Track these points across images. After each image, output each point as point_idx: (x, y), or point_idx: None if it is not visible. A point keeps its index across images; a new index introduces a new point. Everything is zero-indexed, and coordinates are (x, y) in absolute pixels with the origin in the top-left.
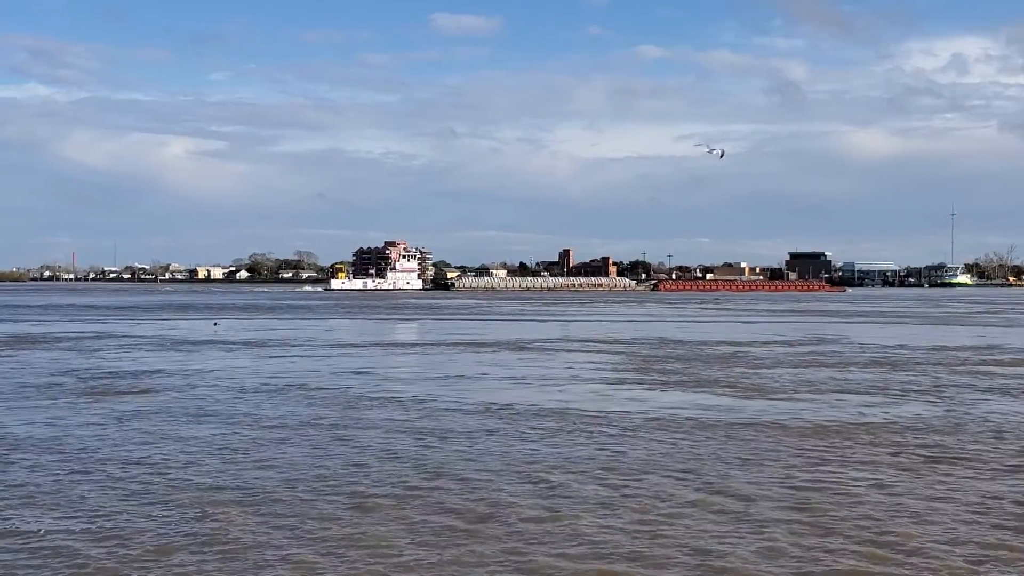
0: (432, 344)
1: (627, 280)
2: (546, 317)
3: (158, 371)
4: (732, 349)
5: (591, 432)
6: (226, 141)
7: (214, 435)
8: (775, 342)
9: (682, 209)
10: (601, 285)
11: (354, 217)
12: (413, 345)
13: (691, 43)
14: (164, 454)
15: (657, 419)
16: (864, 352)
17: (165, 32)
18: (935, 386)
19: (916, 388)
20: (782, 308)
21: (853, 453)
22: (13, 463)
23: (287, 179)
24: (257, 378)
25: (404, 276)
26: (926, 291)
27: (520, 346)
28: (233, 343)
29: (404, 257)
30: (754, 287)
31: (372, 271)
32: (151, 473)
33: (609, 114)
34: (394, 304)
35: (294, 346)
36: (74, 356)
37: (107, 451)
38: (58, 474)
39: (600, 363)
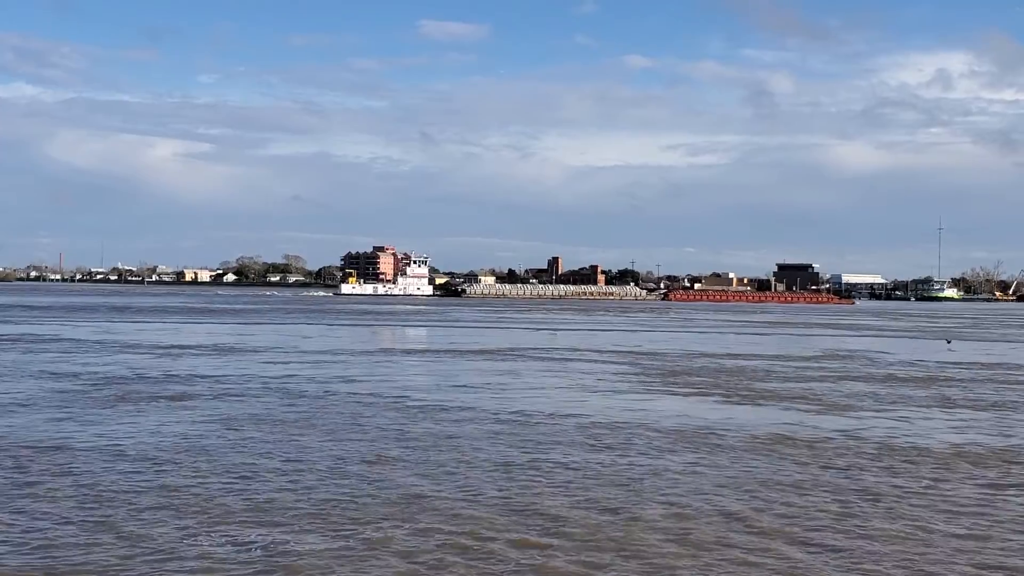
0: (513, 352)
1: (638, 289)
2: (592, 326)
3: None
4: (771, 364)
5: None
6: (213, 143)
7: (330, 444)
8: (808, 356)
9: (668, 218)
10: (612, 294)
11: (341, 221)
12: (499, 353)
13: (677, 54)
14: (315, 461)
15: (754, 436)
16: (900, 367)
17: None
18: (995, 403)
19: (990, 405)
20: (798, 321)
21: None
22: (216, 482)
23: (274, 182)
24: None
25: (415, 282)
26: (916, 305)
27: (588, 357)
28: (311, 351)
29: (415, 263)
30: (765, 298)
31: (382, 276)
32: (365, 484)
33: (596, 123)
34: (424, 311)
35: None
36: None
37: (295, 458)
38: (275, 485)
39: (674, 375)
